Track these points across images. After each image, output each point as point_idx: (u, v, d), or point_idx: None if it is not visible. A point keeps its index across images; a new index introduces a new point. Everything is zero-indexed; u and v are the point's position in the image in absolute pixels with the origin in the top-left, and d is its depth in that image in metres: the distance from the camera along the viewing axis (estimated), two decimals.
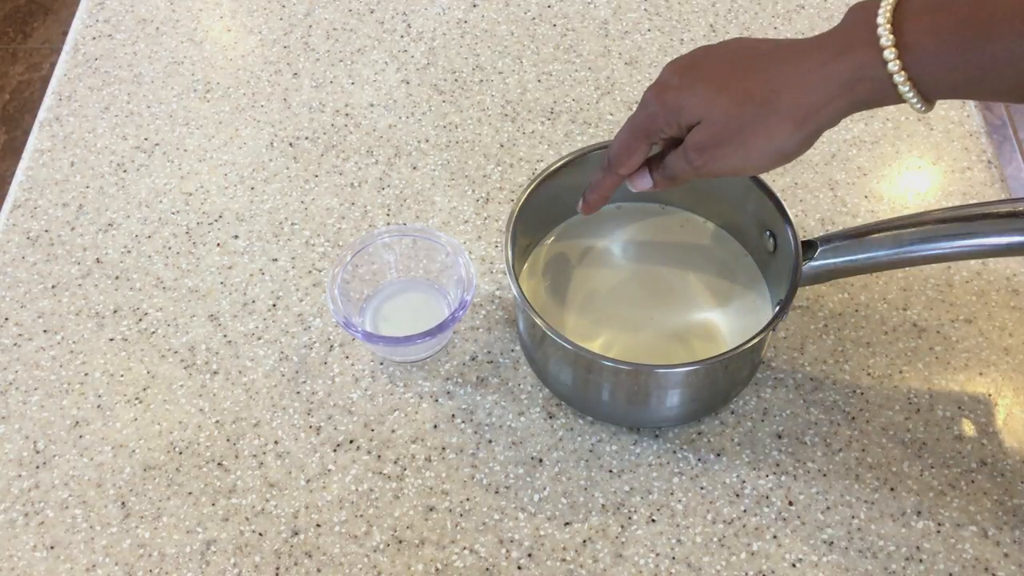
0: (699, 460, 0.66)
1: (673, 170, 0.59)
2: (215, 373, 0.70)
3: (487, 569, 0.62)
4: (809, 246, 0.63)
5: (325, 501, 0.65)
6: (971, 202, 0.74)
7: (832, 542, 0.63)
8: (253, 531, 0.64)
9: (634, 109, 0.84)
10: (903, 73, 0.49)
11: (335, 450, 0.67)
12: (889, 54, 0.49)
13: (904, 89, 0.50)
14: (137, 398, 0.69)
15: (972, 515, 0.63)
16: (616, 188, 0.64)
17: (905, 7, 0.50)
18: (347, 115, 0.85)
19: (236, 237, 0.77)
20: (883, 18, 0.50)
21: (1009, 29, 0.47)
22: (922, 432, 0.67)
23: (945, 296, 0.73)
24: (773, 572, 0.61)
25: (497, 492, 0.65)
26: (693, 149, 0.56)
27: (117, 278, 0.75)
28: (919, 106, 0.51)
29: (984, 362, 0.70)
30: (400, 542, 0.63)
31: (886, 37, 0.49)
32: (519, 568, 0.62)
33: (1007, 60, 0.47)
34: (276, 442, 0.67)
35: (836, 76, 0.52)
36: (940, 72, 0.49)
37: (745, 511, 0.64)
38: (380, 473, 0.66)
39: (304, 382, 0.70)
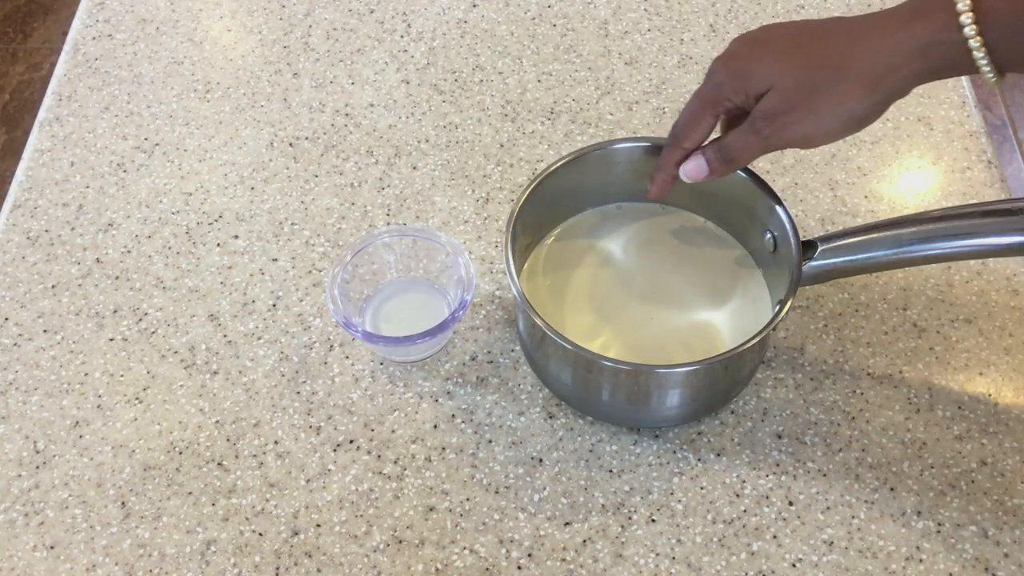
0: (699, 460, 0.66)
1: (737, 148, 0.58)
2: (215, 373, 0.70)
3: (487, 569, 0.62)
4: (809, 246, 0.63)
5: (325, 501, 0.65)
6: (971, 202, 0.74)
7: (832, 542, 0.63)
8: (253, 531, 0.64)
9: (634, 109, 0.84)
10: (979, 38, 0.49)
11: (335, 450, 0.67)
12: (966, 18, 0.49)
13: (979, 55, 0.49)
14: (137, 398, 0.69)
15: (972, 515, 0.63)
16: (681, 163, 0.62)
17: None
18: (347, 115, 0.85)
19: (236, 237, 0.77)
20: None
21: None
22: (922, 432, 0.67)
23: (945, 296, 0.73)
24: (773, 572, 0.61)
25: (497, 492, 0.65)
26: (762, 118, 0.56)
27: (117, 278, 0.75)
28: (990, 74, 0.50)
29: (984, 362, 0.70)
30: (400, 542, 0.63)
31: (963, 1, 0.49)
32: (519, 568, 0.62)
33: None
34: (276, 442, 0.67)
35: (910, 40, 0.51)
36: (1016, 38, 0.49)
37: (745, 511, 0.64)
38: (380, 473, 0.66)
39: (304, 382, 0.70)
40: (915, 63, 0.52)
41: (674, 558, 0.62)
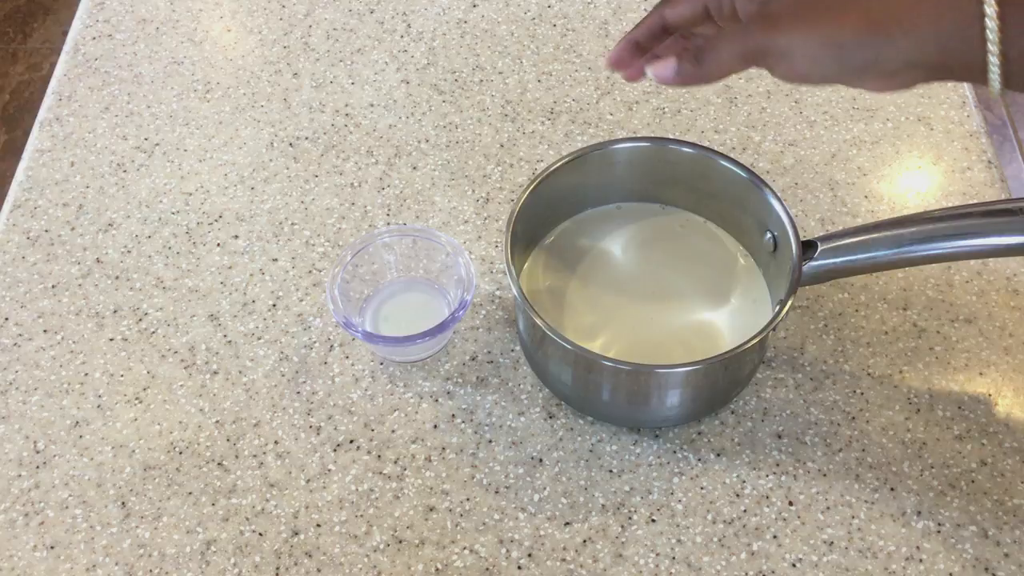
0: (699, 460, 0.66)
1: (716, 51, 0.52)
2: (215, 373, 0.70)
3: (487, 569, 0.62)
4: (809, 246, 0.63)
5: (325, 501, 0.65)
6: (971, 202, 0.74)
7: (832, 542, 0.63)
8: (253, 531, 0.64)
9: (634, 109, 0.84)
10: (996, 21, 0.46)
11: (335, 450, 0.67)
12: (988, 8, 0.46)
13: (992, 45, 0.46)
14: (137, 398, 0.69)
15: (972, 515, 0.63)
16: (650, 34, 0.57)
17: None
18: (347, 115, 0.85)
19: (236, 237, 0.77)
20: None
21: None
22: (922, 432, 0.67)
23: (945, 296, 0.73)
24: (773, 572, 0.61)
25: (497, 492, 0.65)
26: (759, 17, 0.51)
27: (117, 278, 0.75)
28: (996, 70, 0.47)
29: (984, 362, 0.70)
30: (400, 542, 0.63)
31: None
32: (519, 568, 0.62)
33: None
34: (276, 442, 0.67)
35: (933, 5, 0.48)
36: None
37: (745, 511, 0.64)
38: (380, 473, 0.66)
39: (304, 382, 0.70)
40: (926, 28, 0.48)
41: (674, 558, 0.62)
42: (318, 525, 0.64)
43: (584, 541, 0.63)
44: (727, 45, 0.52)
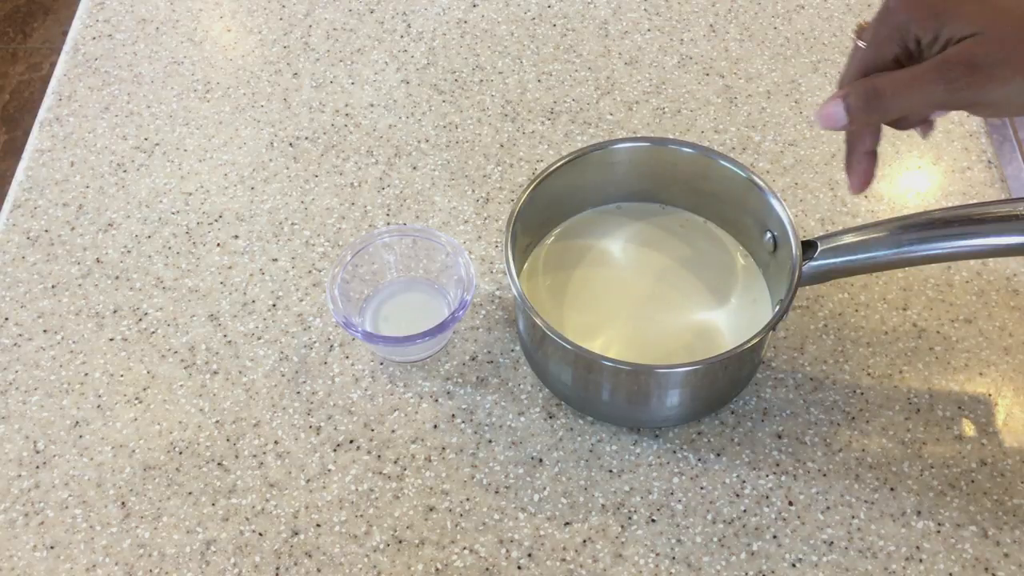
0: (699, 460, 0.66)
1: (905, 96, 0.48)
2: (215, 373, 0.70)
3: (487, 569, 0.62)
4: (809, 246, 0.63)
5: (325, 501, 0.65)
6: (971, 202, 0.74)
7: (832, 542, 0.63)
8: (253, 531, 0.64)
9: (634, 109, 0.84)
10: None
11: (335, 450, 0.67)
12: None
13: None
14: (137, 398, 0.69)
15: (972, 515, 0.63)
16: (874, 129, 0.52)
17: None
18: (347, 115, 0.85)
19: (236, 237, 0.77)
20: None
21: None
22: (922, 432, 0.67)
23: (945, 296, 0.73)
24: (773, 572, 0.61)
25: (497, 492, 0.65)
26: (962, 65, 0.46)
27: (117, 278, 0.75)
28: None
29: (984, 362, 0.70)
30: (400, 542, 0.63)
31: None
32: (519, 568, 0.62)
33: None
34: (276, 442, 0.67)
35: None
36: None
37: (745, 511, 0.64)
38: (380, 473, 0.66)
39: (304, 382, 0.70)
40: None
41: (674, 558, 0.62)
42: (318, 525, 0.64)
43: (584, 541, 0.63)
44: (926, 96, 0.48)
